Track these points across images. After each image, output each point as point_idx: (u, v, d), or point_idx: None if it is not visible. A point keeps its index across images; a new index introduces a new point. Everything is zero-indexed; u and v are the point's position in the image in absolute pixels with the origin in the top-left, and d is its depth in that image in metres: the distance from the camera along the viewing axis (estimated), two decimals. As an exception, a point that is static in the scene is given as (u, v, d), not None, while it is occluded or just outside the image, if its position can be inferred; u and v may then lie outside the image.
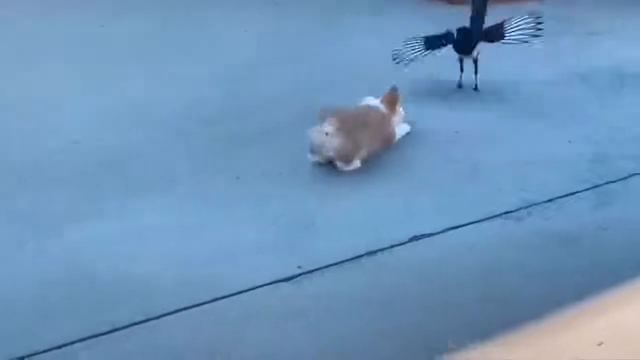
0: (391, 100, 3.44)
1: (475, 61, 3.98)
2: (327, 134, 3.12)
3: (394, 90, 3.46)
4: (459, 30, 3.92)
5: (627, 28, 5.14)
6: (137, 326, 2.11)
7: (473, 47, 3.93)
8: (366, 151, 3.24)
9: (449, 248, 2.67)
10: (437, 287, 2.42)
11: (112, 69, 4.13)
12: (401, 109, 3.50)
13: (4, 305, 2.18)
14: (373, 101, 3.45)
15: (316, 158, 3.20)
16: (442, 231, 2.75)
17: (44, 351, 1.97)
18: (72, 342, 2.00)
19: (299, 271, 2.46)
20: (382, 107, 3.42)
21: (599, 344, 2.12)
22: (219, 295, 2.29)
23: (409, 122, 3.53)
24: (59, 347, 1.98)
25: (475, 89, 4.01)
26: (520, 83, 4.13)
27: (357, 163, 3.20)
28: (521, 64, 4.25)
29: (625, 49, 4.68)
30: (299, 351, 2.08)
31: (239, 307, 2.28)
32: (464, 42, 3.91)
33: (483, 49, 3.97)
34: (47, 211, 2.73)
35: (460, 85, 4.04)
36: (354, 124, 3.20)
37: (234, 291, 2.32)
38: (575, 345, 2.13)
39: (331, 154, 3.15)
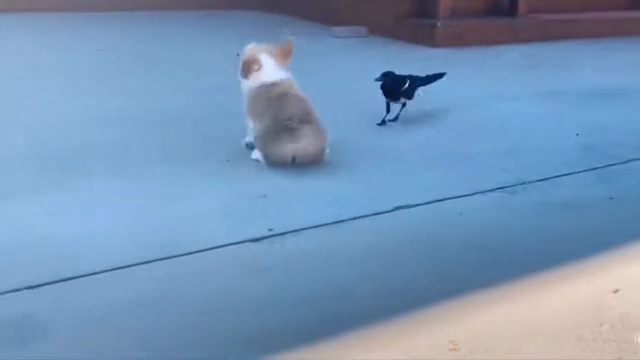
0: (286, 53, 3.09)
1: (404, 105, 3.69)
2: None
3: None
4: (386, 74, 3.63)
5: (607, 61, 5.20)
6: (106, 273, 1.98)
7: (402, 95, 3.62)
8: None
9: (435, 216, 2.47)
10: (418, 246, 2.25)
11: (104, 84, 4.13)
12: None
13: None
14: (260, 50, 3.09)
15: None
16: (429, 202, 2.56)
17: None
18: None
19: (269, 233, 2.25)
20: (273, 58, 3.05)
21: (615, 291, 1.98)
22: (183, 252, 2.10)
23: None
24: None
25: (396, 119, 3.64)
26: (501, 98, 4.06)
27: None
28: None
29: (597, 77, 4.79)
30: (256, 303, 1.88)
31: (201, 262, 2.07)
32: (393, 87, 3.61)
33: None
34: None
35: (383, 122, 3.60)
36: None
37: (197, 249, 2.12)
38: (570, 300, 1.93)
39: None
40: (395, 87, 3.59)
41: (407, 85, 3.60)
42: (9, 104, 3.60)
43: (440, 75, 3.80)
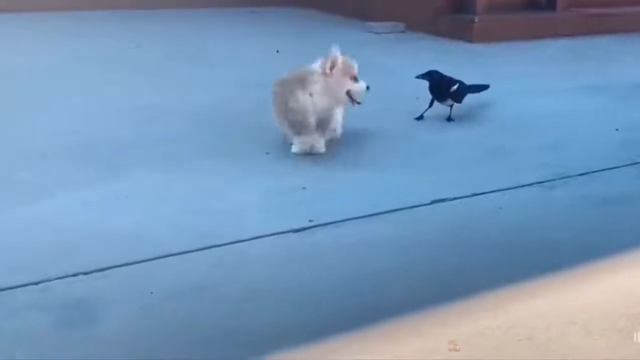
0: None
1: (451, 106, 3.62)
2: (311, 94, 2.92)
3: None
4: (431, 74, 3.58)
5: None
6: (160, 260, 2.07)
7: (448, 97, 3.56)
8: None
9: (474, 210, 2.50)
10: (456, 239, 2.27)
11: (138, 79, 4.23)
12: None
13: (23, 245, 2.14)
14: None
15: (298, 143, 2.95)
16: (468, 196, 2.58)
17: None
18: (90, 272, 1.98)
19: (310, 224, 2.30)
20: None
21: None
22: (227, 242, 2.16)
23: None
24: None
25: (449, 119, 3.56)
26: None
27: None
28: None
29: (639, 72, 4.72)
30: (298, 291, 1.94)
31: (245, 251, 2.13)
32: (441, 88, 3.56)
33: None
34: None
35: (421, 117, 3.56)
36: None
37: (241, 239, 2.18)
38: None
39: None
40: (443, 88, 3.55)
41: (456, 87, 3.54)
42: (50, 99, 3.71)
43: (485, 87, 3.74)
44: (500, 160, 3.02)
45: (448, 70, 3.65)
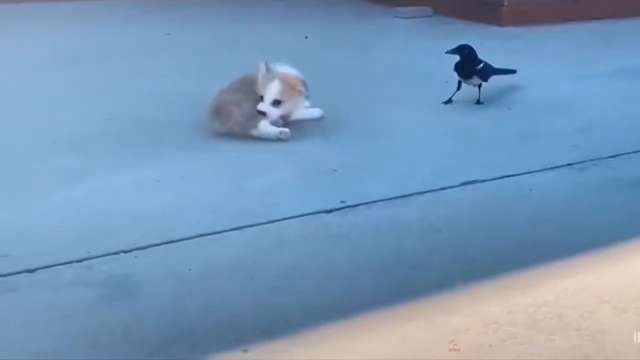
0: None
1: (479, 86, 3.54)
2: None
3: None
4: (462, 48, 3.48)
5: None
6: (197, 239, 2.13)
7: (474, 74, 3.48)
8: None
9: (504, 192, 2.52)
10: (486, 220, 2.30)
11: (169, 66, 4.31)
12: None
13: (66, 225, 2.22)
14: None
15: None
16: (497, 178, 2.60)
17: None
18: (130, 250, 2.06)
19: (341, 205, 2.35)
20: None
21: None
22: (260, 222, 2.22)
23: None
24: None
25: (479, 102, 3.52)
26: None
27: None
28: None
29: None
30: (331, 268, 1.99)
31: (278, 231, 2.19)
32: (466, 65, 3.47)
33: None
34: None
35: (449, 101, 3.50)
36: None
37: (273, 219, 2.23)
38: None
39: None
40: (471, 65, 3.45)
41: (482, 65, 3.47)
42: (83, 86, 3.79)
43: (512, 71, 3.68)
44: (530, 142, 3.03)
45: (480, 53, 3.64)
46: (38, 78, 3.95)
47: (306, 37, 4.93)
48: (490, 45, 4.77)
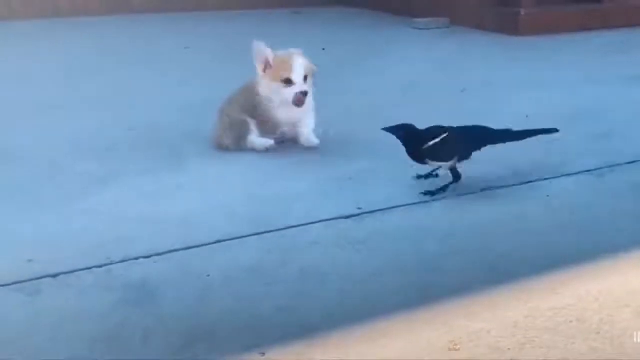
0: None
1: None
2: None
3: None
4: (399, 130, 2.59)
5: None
6: (215, 245, 2.15)
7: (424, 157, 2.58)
8: None
9: (521, 198, 2.51)
10: (504, 225, 2.29)
11: (189, 78, 4.39)
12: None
13: (87, 231, 2.26)
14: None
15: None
16: (515, 184, 2.60)
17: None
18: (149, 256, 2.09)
19: (359, 211, 2.36)
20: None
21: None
22: (279, 227, 2.24)
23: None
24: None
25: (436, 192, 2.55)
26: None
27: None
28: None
29: None
30: (349, 272, 2.00)
31: (297, 236, 2.20)
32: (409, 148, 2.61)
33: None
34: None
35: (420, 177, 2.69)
36: None
37: (292, 225, 2.25)
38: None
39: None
40: (415, 145, 2.57)
41: (437, 140, 2.54)
42: (107, 97, 3.86)
43: (543, 131, 2.66)
44: (548, 149, 3.02)
45: (497, 62, 3.64)
46: (61, 89, 4.02)
47: (323, 49, 4.97)
48: (508, 55, 4.79)
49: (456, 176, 2.56)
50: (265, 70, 2.78)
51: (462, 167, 2.56)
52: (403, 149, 2.59)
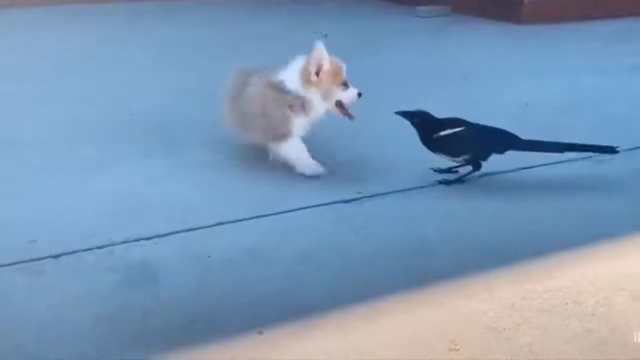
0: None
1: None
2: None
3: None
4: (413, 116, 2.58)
5: None
6: (216, 227, 2.17)
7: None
8: None
9: (521, 183, 2.54)
10: (503, 210, 2.32)
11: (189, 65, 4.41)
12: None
13: (89, 214, 2.28)
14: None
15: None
16: (515, 170, 2.60)
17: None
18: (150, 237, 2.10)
19: (358, 196, 2.38)
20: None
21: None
22: (280, 210, 2.26)
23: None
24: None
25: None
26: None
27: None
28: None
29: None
30: (348, 254, 2.02)
31: (297, 219, 2.23)
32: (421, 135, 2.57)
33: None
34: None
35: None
36: None
37: (293, 208, 2.28)
38: None
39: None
40: (428, 132, 2.54)
41: (449, 132, 2.49)
42: (106, 82, 3.87)
43: (598, 149, 2.54)
44: (549, 136, 3.01)
45: (499, 50, 3.63)
46: (61, 76, 4.03)
47: (326, 35, 4.97)
48: (510, 43, 4.78)
49: (476, 166, 2.52)
50: (318, 74, 2.56)
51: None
52: (411, 136, 2.56)
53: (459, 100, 3.48)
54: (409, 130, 2.99)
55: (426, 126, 2.53)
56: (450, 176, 2.54)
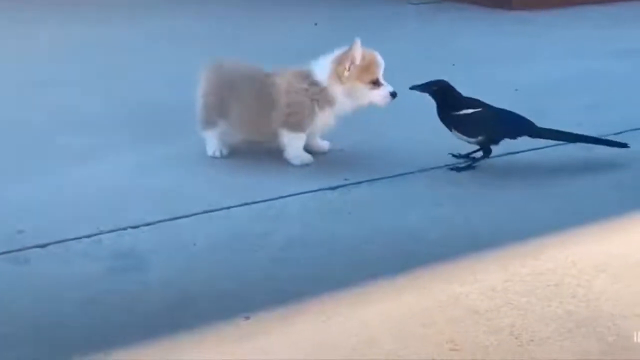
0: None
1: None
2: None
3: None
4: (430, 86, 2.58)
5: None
6: (203, 215, 2.19)
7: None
8: None
9: (507, 167, 2.55)
10: (491, 194, 2.34)
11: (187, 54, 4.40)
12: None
13: (76, 202, 2.30)
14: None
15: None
16: (500, 155, 2.61)
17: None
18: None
19: (345, 182, 2.40)
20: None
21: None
22: (267, 198, 2.28)
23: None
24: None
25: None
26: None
27: None
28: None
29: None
30: (332, 240, 2.04)
31: (284, 206, 2.24)
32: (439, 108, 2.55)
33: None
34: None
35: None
36: None
37: (280, 195, 2.29)
38: None
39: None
40: (445, 108, 2.52)
41: (467, 112, 2.49)
42: (100, 71, 3.87)
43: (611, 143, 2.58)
44: (538, 121, 3.03)
45: (489, 37, 3.63)
46: (56, 64, 4.02)
47: (316, 24, 4.96)
48: (501, 29, 4.78)
49: (486, 151, 2.51)
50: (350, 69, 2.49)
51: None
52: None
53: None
54: (397, 118, 3.02)
55: (445, 98, 2.50)
56: (462, 162, 2.53)
